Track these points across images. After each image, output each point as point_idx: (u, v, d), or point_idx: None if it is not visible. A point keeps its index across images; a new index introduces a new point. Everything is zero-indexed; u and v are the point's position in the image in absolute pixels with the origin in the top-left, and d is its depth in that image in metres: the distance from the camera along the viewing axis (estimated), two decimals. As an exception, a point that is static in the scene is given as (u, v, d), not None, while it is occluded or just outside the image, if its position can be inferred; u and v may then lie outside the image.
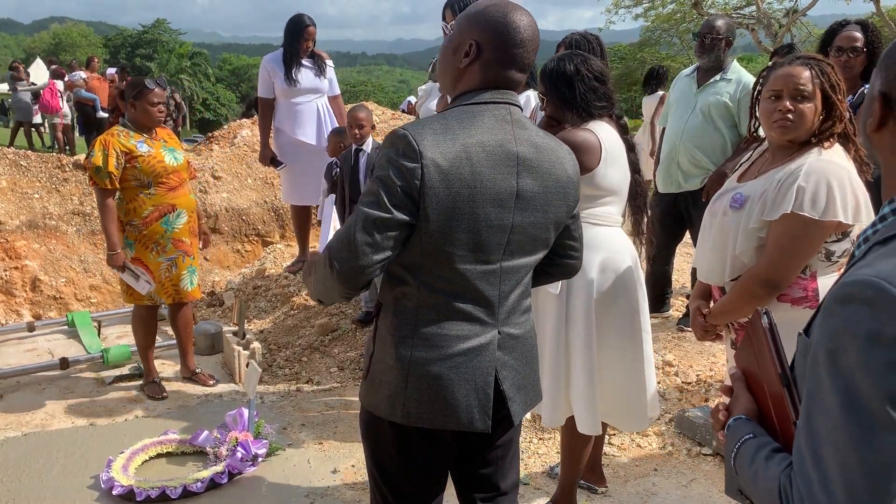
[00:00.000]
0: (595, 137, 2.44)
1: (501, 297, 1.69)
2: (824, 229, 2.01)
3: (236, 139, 7.54)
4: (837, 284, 0.96)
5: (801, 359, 1.06)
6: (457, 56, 1.67)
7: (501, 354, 1.71)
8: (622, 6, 21.61)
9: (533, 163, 1.65)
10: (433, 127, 1.58)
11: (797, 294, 2.09)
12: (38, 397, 4.07)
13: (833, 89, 2.05)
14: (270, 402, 4.02)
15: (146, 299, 3.92)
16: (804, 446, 0.93)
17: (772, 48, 16.80)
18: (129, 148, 3.72)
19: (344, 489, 3.12)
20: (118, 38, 58.20)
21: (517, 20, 1.62)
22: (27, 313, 5.47)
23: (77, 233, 5.95)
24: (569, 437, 2.71)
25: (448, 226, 1.57)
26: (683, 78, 4.44)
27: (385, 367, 1.69)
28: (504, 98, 1.66)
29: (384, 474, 1.79)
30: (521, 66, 1.66)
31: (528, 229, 1.67)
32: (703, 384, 3.78)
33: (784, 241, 2.03)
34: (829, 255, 2.07)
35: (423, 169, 1.53)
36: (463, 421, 1.68)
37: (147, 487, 3.00)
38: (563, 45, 3.55)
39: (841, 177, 1.99)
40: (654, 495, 3.04)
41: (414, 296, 1.65)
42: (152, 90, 3.77)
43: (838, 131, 2.07)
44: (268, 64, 5.04)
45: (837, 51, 3.36)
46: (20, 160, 6.22)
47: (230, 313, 5.44)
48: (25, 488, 3.12)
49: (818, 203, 1.97)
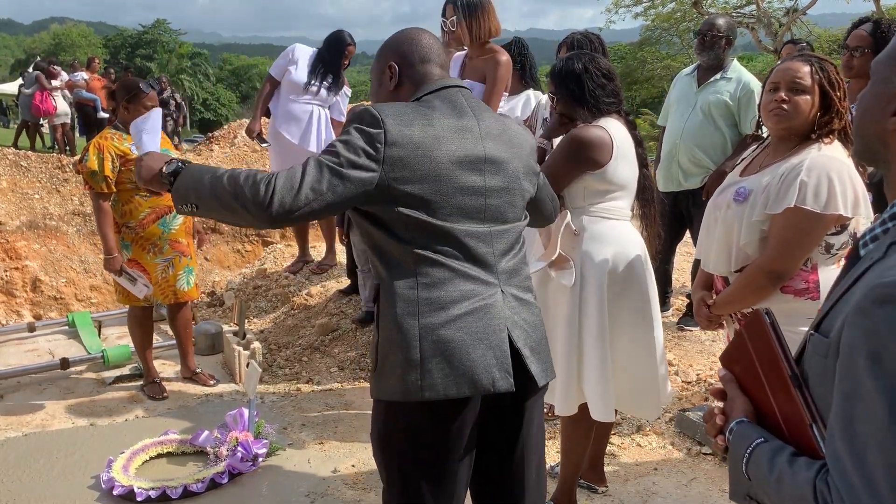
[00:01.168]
0: (606, 134, 2.50)
1: (497, 256, 1.73)
2: (826, 222, 2.07)
3: (236, 139, 7.54)
4: (869, 286, 0.93)
5: (817, 359, 1.04)
6: (384, 87, 1.81)
7: (510, 314, 1.71)
8: (622, 5, 21.63)
9: (496, 132, 1.75)
10: (394, 106, 1.68)
11: (799, 286, 2.15)
12: (38, 397, 4.07)
13: (831, 86, 2.11)
14: (271, 402, 4.02)
15: (141, 300, 3.92)
16: (843, 451, 0.91)
17: (772, 47, 16.83)
18: (123, 151, 3.70)
19: (344, 489, 3.12)
20: (118, 38, 58.18)
21: (414, 34, 1.81)
22: (28, 314, 5.47)
23: (77, 233, 5.95)
24: (569, 432, 2.74)
25: (421, 188, 1.62)
26: (683, 77, 4.44)
27: (393, 347, 1.65)
28: (450, 82, 1.77)
29: (417, 461, 1.70)
30: (440, 62, 1.80)
31: (502, 194, 1.74)
32: (703, 383, 3.78)
33: (788, 233, 2.09)
34: (829, 247, 2.14)
35: (387, 133, 1.60)
36: (484, 383, 1.64)
37: (147, 487, 3.00)
38: (564, 44, 3.56)
39: (841, 171, 2.05)
40: (655, 494, 3.04)
41: (409, 263, 1.66)
42: (146, 94, 3.74)
43: (837, 128, 2.12)
44: (295, 51, 5.00)
45: (844, 49, 3.34)
46: (20, 160, 6.23)
47: (230, 313, 5.44)
48: (26, 488, 3.12)
49: (820, 197, 2.03)
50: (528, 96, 3.91)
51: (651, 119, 20.76)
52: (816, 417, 1.03)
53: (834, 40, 19.93)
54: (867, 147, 1.10)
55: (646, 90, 29.48)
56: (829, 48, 19.60)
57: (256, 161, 7.44)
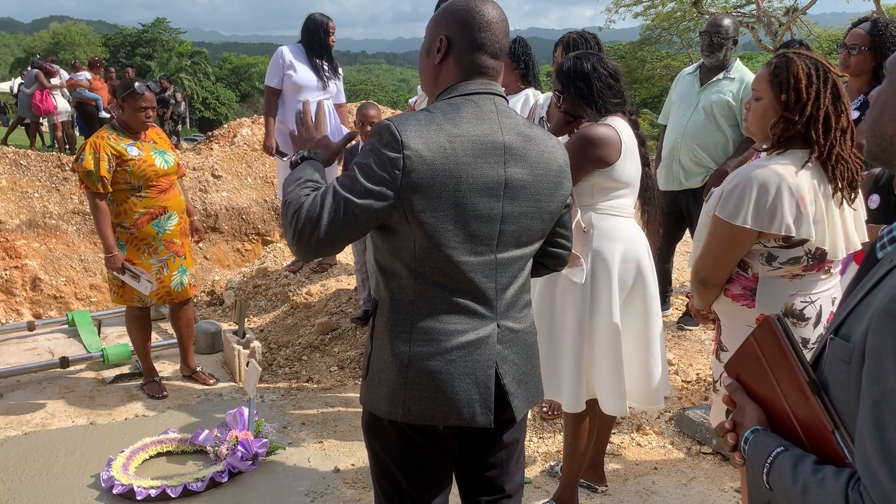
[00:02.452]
0: (615, 132, 2.54)
1: (499, 290, 1.69)
2: (739, 233, 2.03)
3: (236, 138, 7.54)
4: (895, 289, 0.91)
5: (838, 363, 1.01)
6: (430, 56, 1.71)
7: (501, 348, 1.70)
8: (622, 5, 21.62)
9: (521, 152, 1.66)
10: (417, 118, 1.59)
11: (736, 291, 2.18)
12: (38, 396, 4.07)
13: (784, 86, 2.00)
14: (270, 401, 4.02)
15: (136, 300, 3.91)
16: (875, 458, 0.89)
17: (772, 47, 16.81)
18: (120, 151, 3.68)
19: (344, 488, 3.12)
20: (118, 37, 58.14)
21: (480, 6, 1.66)
22: (27, 312, 5.47)
23: (77, 232, 5.95)
24: (574, 429, 2.76)
25: (436, 216, 1.57)
26: (686, 76, 4.44)
27: (383, 365, 1.68)
28: (487, 88, 1.67)
29: (388, 476, 1.78)
30: (493, 50, 1.68)
31: (519, 219, 1.67)
32: (702, 383, 3.78)
33: (709, 239, 2.13)
34: (770, 258, 2.08)
35: (406, 160, 1.53)
36: (465, 416, 1.66)
37: (147, 486, 3.00)
38: (560, 44, 3.57)
39: (767, 184, 1.98)
40: (654, 494, 3.05)
41: (410, 290, 1.64)
42: (142, 94, 3.71)
43: (791, 134, 2.02)
44: (285, 55, 4.92)
45: (842, 47, 3.35)
46: (20, 159, 6.22)
47: (230, 312, 5.44)
48: (26, 487, 3.12)
49: (727, 207, 2.03)
50: (527, 95, 3.91)
51: (651, 118, 20.76)
52: (839, 423, 1.01)
53: (834, 40, 19.94)
54: (884, 147, 1.07)
55: (646, 90, 29.47)
56: (829, 48, 19.60)
57: (256, 160, 7.44)
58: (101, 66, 12.55)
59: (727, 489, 3.07)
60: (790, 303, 2.11)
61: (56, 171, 6.23)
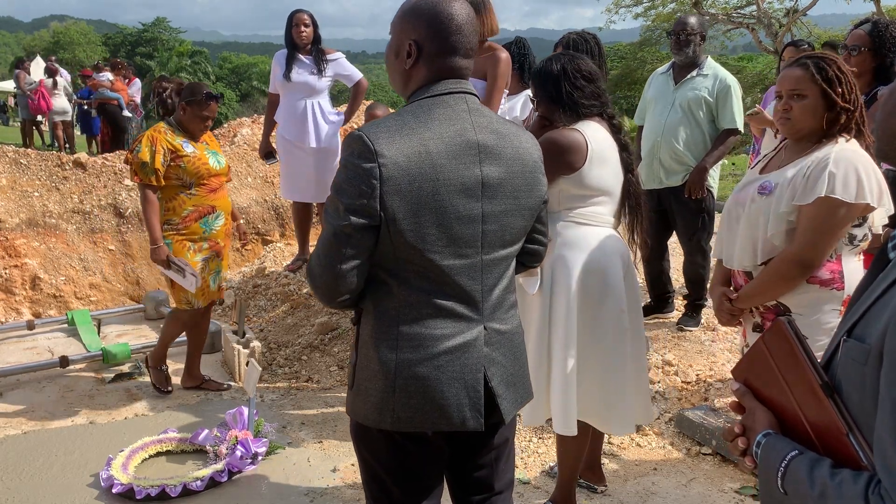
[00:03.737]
0: (581, 137, 2.45)
1: (485, 292, 1.67)
2: (854, 211, 2.15)
3: (236, 138, 7.53)
4: None
5: (853, 365, 1.00)
6: (399, 59, 1.67)
7: (489, 351, 1.68)
8: (622, 5, 21.60)
9: (495, 150, 1.64)
10: (388, 125, 1.57)
11: (825, 276, 2.23)
12: (37, 395, 4.07)
13: (830, 83, 2.17)
14: (270, 401, 4.02)
15: (184, 302, 3.86)
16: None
17: (772, 48, 16.83)
18: (176, 147, 3.69)
19: (344, 488, 3.12)
20: (118, 36, 58.10)
21: (448, 8, 1.62)
22: (27, 311, 5.47)
23: (77, 231, 5.95)
24: (559, 436, 2.71)
25: (417, 222, 1.55)
26: (659, 76, 4.56)
27: (370, 374, 1.66)
28: (458, 87, 1.64)
29: (379, 483, 1.77)
30: (464, 51, 1.65)
31: (501, 218, 1.65)
32: (702, 384, 3.78)
33: (817, 222, 2.16)
34: (852, 238, 2.23)
35: (381, 168, 1.51)
36: (455, 421, 1.65)
37: (147, 486, 3.00)
38: (560, 44, 3.58)
39: (866, 164, 2.15)
40: (654, 494, 3.04)
41: (394, 296, 1.63)
42: (207, 105, 3.74)
43: (846, 123, 2.20)
44: (274, 60, 5.09)
45: (843, 48, 3.38)
46: (20, 158, 6.22)
47: (230, 312, 5.44)
48: (25, 486, 3.12)
49: (849, 187, 2.11)
50: (527, 96, 3.92)
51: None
52: (853, 426, 1.00)
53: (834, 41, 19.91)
54: (894, 146, 1.07)
55: (646, 90, 29.41)
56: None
57: (256, 159, 7.43)
58: (122, 67, 12.78)
59: (727, 490, 3.06)
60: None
61: (56, 170, 6.21)
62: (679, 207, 4.33)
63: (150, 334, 5.08)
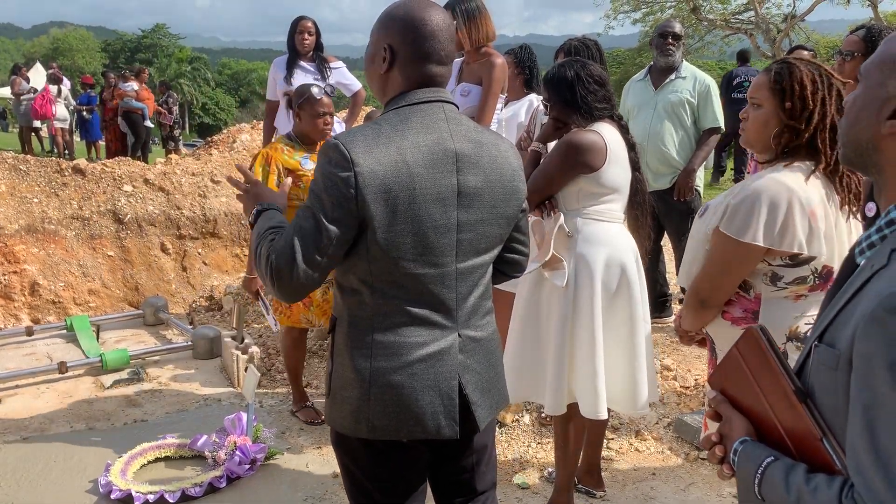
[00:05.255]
0: (601, 138, 2.57)
1: (459, 300, 1.67)
2: (746, 250, 1.89)
3: (235, 144, 7.55)
4: (881, 294, 0.90)
5: (825, 370, 1.01)
6: (375, 64, 1.68)
7: (463, 358, 1.68)
8: (621, 11, 21.64)
9: (472, 158, 1.63)
10: (365, 133, 1.56)
11: (737, 313, 2.02)
12: (36, 401, 4.06)
13: (782, 94, 1.89)
14: (269, 407, 4.02)
15: (298, 321, 3.64)
16: (868, 464, 0.89)
17: (770, 53, 16.85)
18: (293, 165, 3.46)
19: (342, 493, 3.11)
20: (118, 42, 58.29)
21: (423, 14, 1.62)
22: (26, 317, 5.46)
23: (76, 237, 5.95)
24: (561, 433, 2.78)
25: (392, 230, 1.55)
26: (636, 83, 4.65)
27: (345, 382, 1.66)
28: (435, 96, 1.64)
29: (361, 490, 1.77)
30: (439, 58, 1.64)
31: (476, 227, 1.65)
32: (701, 388, 3.79)
33: (713, 255, 1.98)
34: (776, 279, 1.95)
35: (357, 177, 1.51)
36: (430, 429, 1.65)
37: (145, 491, 3.00)
38: (561, 50, 3.61)
39: (778, 198, 1.85)
40: (653, 499, 3.05)
41: (368, 305, 1.62)
42: (319, 100, 3.46)
43: (797, 144, 1.91)
44: (274, 66, 5.08)
45: (838, 54, 3.39)
46: (19, 164, 6.22)
47: (229, 317, 5.44)
48: (24, 492, 3.12)
49: (735, 222, 1.88)
50: (530, 101, 3.94)
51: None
52: (826, 431, 1.01)
53: (832, 47, 19.96)
54: (858, 152, 1.07)
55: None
56: (827, 54, 19.61)
57: (255, 165, 7.46)
58: (145, 74, 12.93)
59: (725, 495, 3.07)
60: (795, 325, 1.97)
61: (55, 176, 6.22)
62: (668, 210, 4.40)
63: (149, 340, 5.08)
